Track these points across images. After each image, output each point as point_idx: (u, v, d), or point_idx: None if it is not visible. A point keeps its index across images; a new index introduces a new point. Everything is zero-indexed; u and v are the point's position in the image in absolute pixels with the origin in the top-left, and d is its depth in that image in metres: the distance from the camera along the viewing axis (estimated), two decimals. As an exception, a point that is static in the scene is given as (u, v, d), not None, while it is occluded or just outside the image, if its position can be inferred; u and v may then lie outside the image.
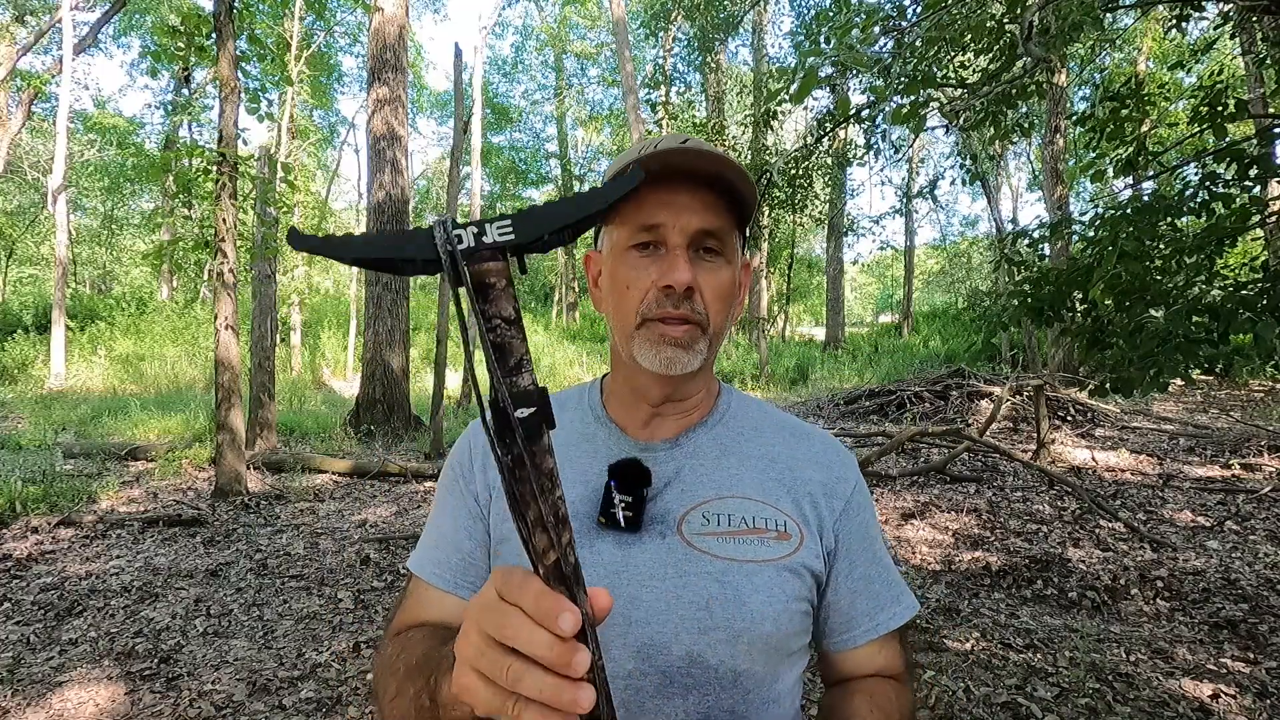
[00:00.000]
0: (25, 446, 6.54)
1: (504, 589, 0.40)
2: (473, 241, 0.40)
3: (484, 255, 0.40)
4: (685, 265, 0.65)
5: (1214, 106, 2.74)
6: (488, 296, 0.40)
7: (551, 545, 0.39)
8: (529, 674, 0.38)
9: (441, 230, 0.40)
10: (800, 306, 28.89)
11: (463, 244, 0.40)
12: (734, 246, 0.71)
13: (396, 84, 8.70)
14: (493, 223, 0.41)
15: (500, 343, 0.39)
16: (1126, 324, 2.47)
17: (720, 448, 0.74)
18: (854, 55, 2.99)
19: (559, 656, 0.37)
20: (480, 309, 0.40)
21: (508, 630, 0.39)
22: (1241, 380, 9.82)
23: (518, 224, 0.41)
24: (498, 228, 0.41)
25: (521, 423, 0.39)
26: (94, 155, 19.48)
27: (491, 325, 0.40)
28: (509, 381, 0.39)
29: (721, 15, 13.11)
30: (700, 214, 0.66)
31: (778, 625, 0.66)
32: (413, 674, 0.58)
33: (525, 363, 0.40)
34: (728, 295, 0.70)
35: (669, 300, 0.66)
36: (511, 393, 0.39)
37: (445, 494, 0.77)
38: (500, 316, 0.40)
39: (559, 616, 0.37)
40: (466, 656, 0.42)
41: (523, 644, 0.38)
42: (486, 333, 0.40)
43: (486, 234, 0.40)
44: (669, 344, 0.66)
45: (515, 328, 0.40)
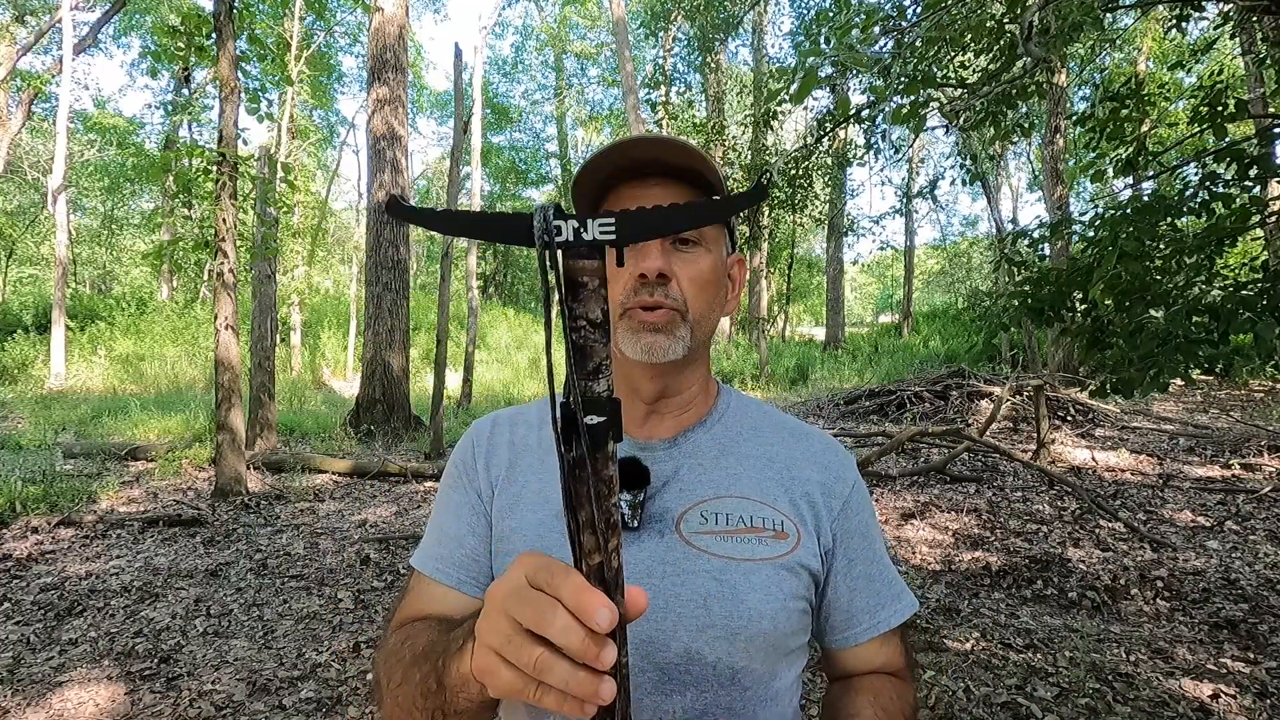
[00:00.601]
0: (25, 446, 6.54)
1: (537, 578, 0.40)
2: (571, 235, 0.39)
3: (580, 251, 0.39)
4: (657, 253, 0.67)
5: (1214, 106, 2.74)
6: (577, 295, 0.39)
7: (598, 548, 0.39)
8: (557, 665, 0.38)
9: (541, 219, 0.38)
10: (800, 306, 28.89)
11: (560, 236, 0.38)
12: (713, 236, 0.72)
13: (396, 84, 8.71)
14: (595, 219, 0.39)
15: (582, 344, 0.39)
16: (1126, 324, 2.47)
17: (719, 447, 0.75)
18: (854, 55, 2.99)
19: (589, 650, 0.38)
20: (567, 307, 0.39)
21: (542, 619, 0.39)
22: (1241, 380, 9.82)
23: (621, 225, 0.39)
24: (600, 225, 0.39)
25: (589, 429, 0.38)
26: (94, 155, 19.48)
27: (576, 325, 0.39)
28: (584, 385, 0.39)
29: (721, 15, 13.11)
30: None
31: (775, 623, 0.66)
32: (419, 660, 0.58)
33: (604, 369, 0.39)
34: (707, 282, 0.71)
35: (645, 289, 0.67)
36: (585, 397, 0.39)
37: (449, 491, 0.77)
38: (586, 318, 0.39)
39: (597, 611, 0.37)
40: (490, 641, 0.42)
41: (555, 634, 0.38)
42: (570, 332, 0.39)
43: (587, 230, 0.39)
44: (648, 330, 0.68)
45: (600, 331, 0.39)
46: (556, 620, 0.38)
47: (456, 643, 0.53)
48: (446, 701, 0.53)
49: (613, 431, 0.39)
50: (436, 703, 0.55)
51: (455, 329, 14.65)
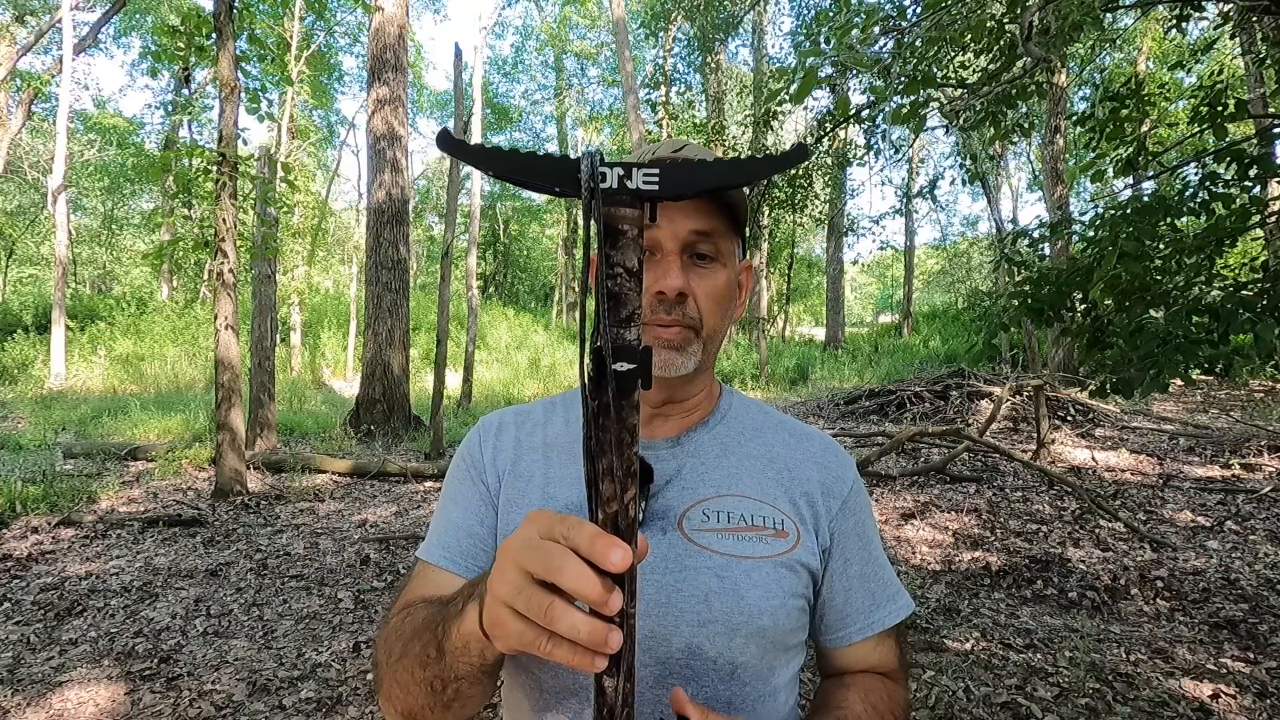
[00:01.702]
0: (25, 446, 6.54)
1: (551, 531, 0.41)
2: (615, 183, 0.39)
3: (623, 200, 0.40)
4: (677, 271, 0.67)
5: (1214, 106, 2.74)
6: (616, 243, 0.40)
7: (615, 496, 0.40)
8: (568, 614, 0.39)
9: (588, 164, 0.39)
10: (800, 306, 28.90)
11: (605, 183, 0.39)
12: (729, 249, 0.73)
13: (396, 84, 8.71)
14: (640, 169, 0.40)
15: (617, 291, 0.40)
16: (1126, 324, 2.47)
17: (721, 447, 0.76)
18: (854, 55, 2.99)
19: (600, 595, 0.38)
20: (605, 253, 0.40)
21: (553, 565, 0.39)
22: (1241, 380, 9.82)
23: (665, 176, 0.40)
24: (644, 175, 0.40)
25: (617, 375, 0.39)
26: (94, 155, 19.49)
27: (613, 272, 0.40)
28: (615, 332, 0.39)
29: (721, 15, 13.11)
30: (692, 218, 0.68)
31: (774, 620, 0.67)
32: (419, 632, 0.59)
33: (636, 317, 0.40)
34: (722, 298, 0.71)
35: (662, 306, 0.68)
36: (615, 344, 0.39)
37: (455, 482, 0.78)
38: (623, 265, 0.40)
39: (610, 552, 0.38)
40: (502, 594, 0.42)
41: (568, 580, 0.39)
42: (605, 278, 0.40)
43: (631, 179, 0.40)
44: (662, 346, 0.68)
45: (635, 280, 0.40)
46: (569, 567, 0.39)
47: (457, 606, 0.53)
48: (446, 667, 0.54)
49: (642, 380, 0.40)
50: (435, 671, 0.55)
51: (455, 329, 14.65)
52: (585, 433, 0.40)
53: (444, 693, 0.56)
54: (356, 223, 21.31)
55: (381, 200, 8.50)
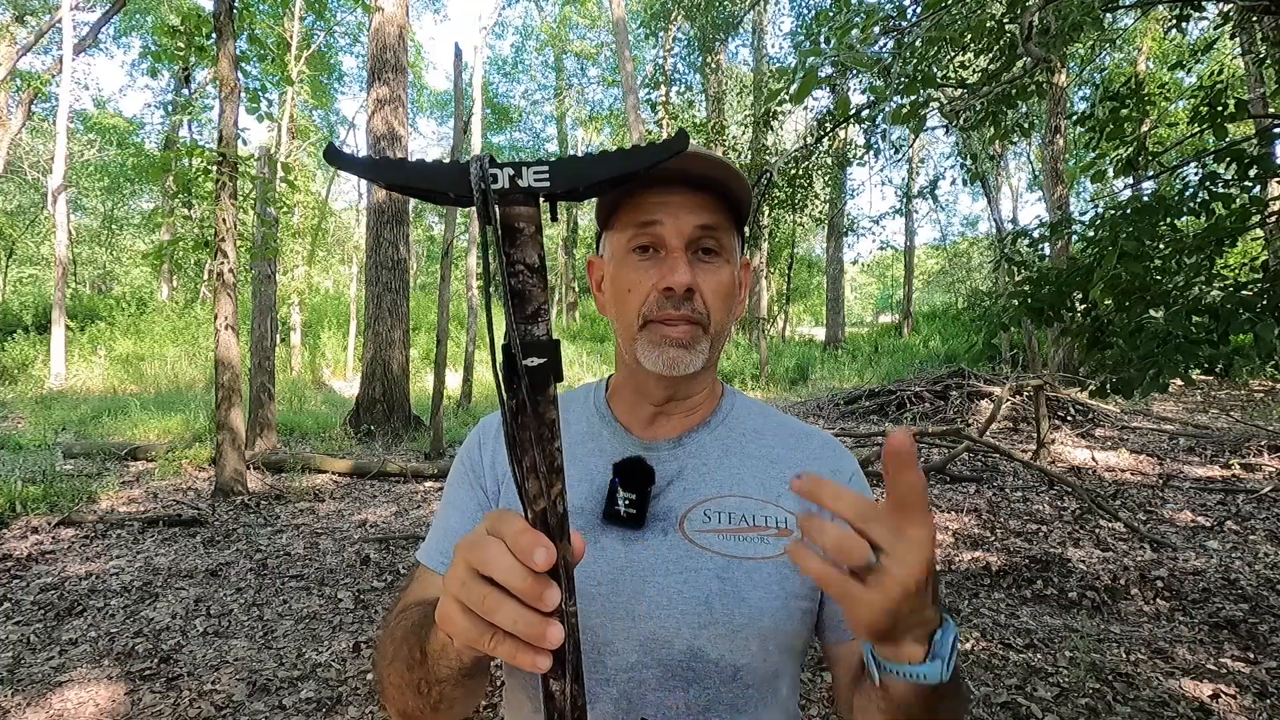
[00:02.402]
0: (25, 446, 6.54)
1: (491, 525, 0.42)
2: (507, 183, 0.40)
3: (516, 199, 0.40)
4: (684, 267, 0.67)
5: (1214, 106, 2.74)
6: (514, 241, 0.40)
7: (542, 493, 0.41)
8: (504, 605, 0.40)
9: (478, 167, 0.39)
10: (800, 306, 28.90)
11: (497, 184, 0.40)
12: (732, 245, 0.73)
13: (396, 84, 8.71)
14: (530, 166, 0.40)
15: (520, 289, 0.40)
16: (1126, 324, 2.47)
17: (722, 448, 0.76)
18: (854, 55, 2.99)
19: (531, 589, 0.39)
20: (505, 252, 0.40)
21: (487, 559, 0.40)
22: (1241, 380, 9.82)
23: (555, 172, 0.41)
24: (534, 173, 0.40)
25: (529, 371, 0.39)
26: (94, 155, 19.48)
27: (514, 270, 0.40)
28: (523, 329, 0.40)
29: (721, 15, 13.11)
30: (696, 213, 0.68)
31: (777, 621, 0.67)
32: (408, 636, 0.59)
33: (543, 312, 0.40)
34: (727, 294, 0.71)
35: (669, 302, 0.67)
36: (523, 340, 0.40)
37: (455, 487, 0.78)
38: (524, 263, 0.40)
39: (534, 551, 0.38)
40: (449, 587, 0.43)
41: (500, 574, 0.40)
42: (508, 277, 0.40)
43: (522, 177, 0.40)
44: (671, 344, 0.68)
45: (538, 276, 0.40)
46: (501, 561, 0.40)
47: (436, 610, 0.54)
48: (429, 670, 0.54)
49: (553, 372, 0.40)
50: (420, 674, 0.55)
51: (455, 329, 14.64)
52: (506, 434, 0.41)
53: (429, 695, 0.56)
54: (356, 223, 21.31)
55: (381, 200, 8.50)
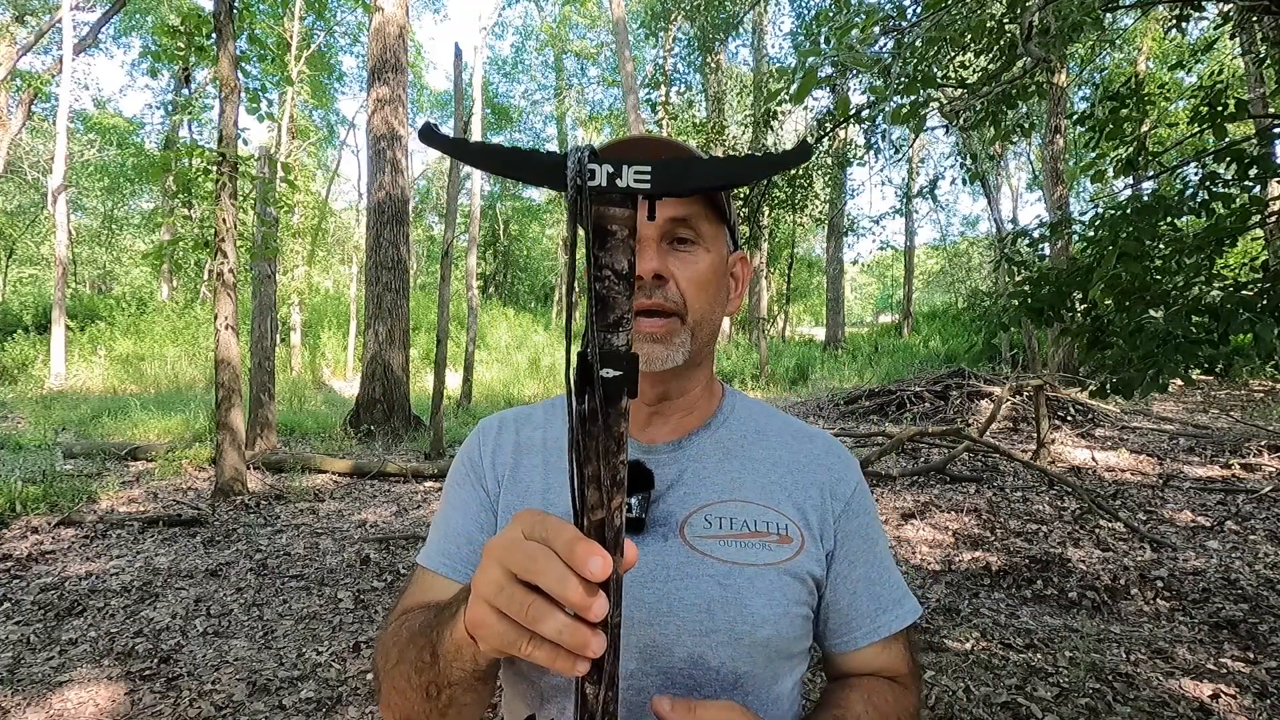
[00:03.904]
0: (25, 446, 6.54)
1: (533, 531, 0.40)
2: (605, 181, 0.37)
3: (613, 199, 0.38)
4: (652, 254, 0.66)
5: (1214, 106, 2.74)
6: (605, 244, 0.38)
7: (601, 504, 0.39)
8: (551, 615, 0.39)
9: (574, 161, 0.37)
10: (800, 306, 28.89)
11: (594, 180, 0.37)
12: (711, 233, 0.71)
13: (396, 84, 8.70)
14: (631, 165, 0.38)
15: (605, 295, 0.38)
16: (1126, 324, 2.47)
17: (723, 451, 0.74)
18: (854, 55, 2.99)
19: (581, 600, 0.38)
20: (593, 254, 0.38)
21: (536, 567, 0.39)
22: (1241, 380, 9.83)
23: (657, 174, 0.38)
24: (635, 172, 0.38)
25: (604, 383, 0.38)
26: (94, 155, 19.48)
27: (601, 275, 0.38)
28: (603, 337, 0.38)
29: (721, 15, 13.11)
30: (667, 205, 0.67)
31: (778, 629, 0.66)
32: (415, 637, 0.58)
33: (625, 322, 0.39)
34: (706, 282, 0.69)
35: (641, 291, 0.66)
36: (602, 349, 0.38)
37: (455, 487, 0.77)
38: (612, 268, 0.38)
39: (589, 560, 0.37)
40: (484, 592, 0.42)
41: (550, 583, 0.38)
42: (594, 281, 0.38)
43: (621, 176, 0.38)
44: (646, 339, 0.66)
45: (625, 283, 0.38)
46: (551, 569, 0.38)
47: (451, 610, 0.53)
48: (440, 673, 0.53)
49: (629, 387, 0.38)
50: (430, 676, 0.54)
51: (455, 329, 14.65)
52: (570, 439, 0.39)
53: (439, 699, 0.55)
54: (356, 223, 21.30)
55: (381, 200, 8.50)
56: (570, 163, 0.37)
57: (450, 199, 7.81)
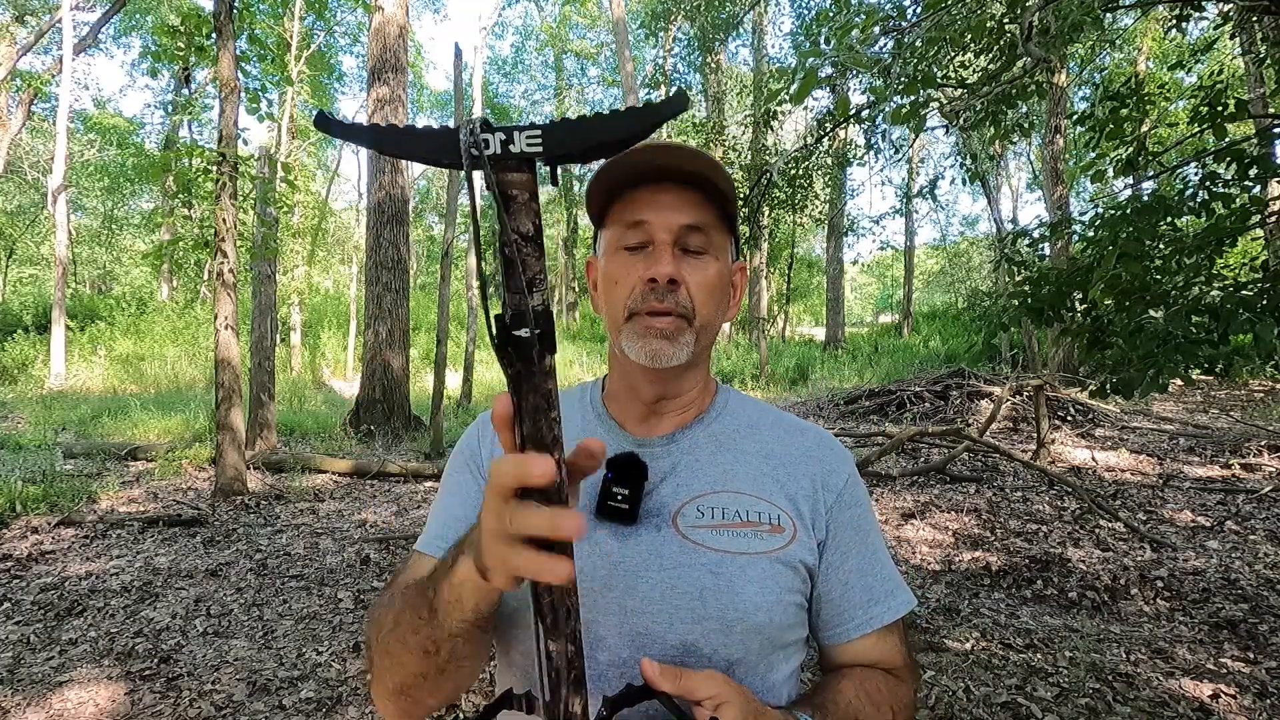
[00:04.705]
0: (25, 446, 6.54)
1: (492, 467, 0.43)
2: (499, 149, 0.38)
3: (509, 165, 0.39)
4: (668, 259, 0.68)
5: (1214, 106, 2.74)
6: (508, 209, 0.39)
7: None
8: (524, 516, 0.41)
9: (468, 133, 0.38)
10: (800, 306, 28.90)
11: (488, 149, 0.38)
12: (721, 244, 0.73)
13: (396, 84, 8.70)
14: (522, 131, 0.39)
15: (513, 258, 0.39)
16: (1126, 324, 2.47)
17: (716, 443, 0.76)
18: (854, 56, 2.99)
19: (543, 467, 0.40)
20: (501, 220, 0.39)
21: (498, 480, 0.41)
22: (1241, 380, 9.83)
23: (548, 136, 0.39)
24: (526, 137, 0.39)
25: (520, 341, 0.39)
26: (94, 155, 19.49)
27: (506, 239, 0.39)
28: (515, 299, 0.39)
29: (721, 15, 13.12)
30: (684, 211, 0.69)
31: (770, 616, 0.67)
32: (411, 600, 0.59)
33: (538, 282, 0.39)
34: (714, 289, 0.72)
35: (654, 294, 0.68)
36: (516, 310, 0.39)
37: (454, 474, 0.79)
38: (518, 231, 0.39)
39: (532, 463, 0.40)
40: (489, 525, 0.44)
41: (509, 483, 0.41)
42: (501, 246, 0.39)
43: (514, 142, 0.39)
44: (654, 335, 0.68)
45: (532, 245, 0.39)
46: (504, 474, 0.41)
47: (447, 564, 0.54)
48: (439, 626, 0.54)
49: (545, 344, 0.39)
50: (428, 633, 0.55)
51: (455, 329, 14.65)
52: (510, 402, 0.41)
53: (438, 655, 0.56)
54: (356, 223, 21.31)
55: (381, 200, 8.50)
56: (463, 134, 0.38)
57: (450, 199, 7.81)
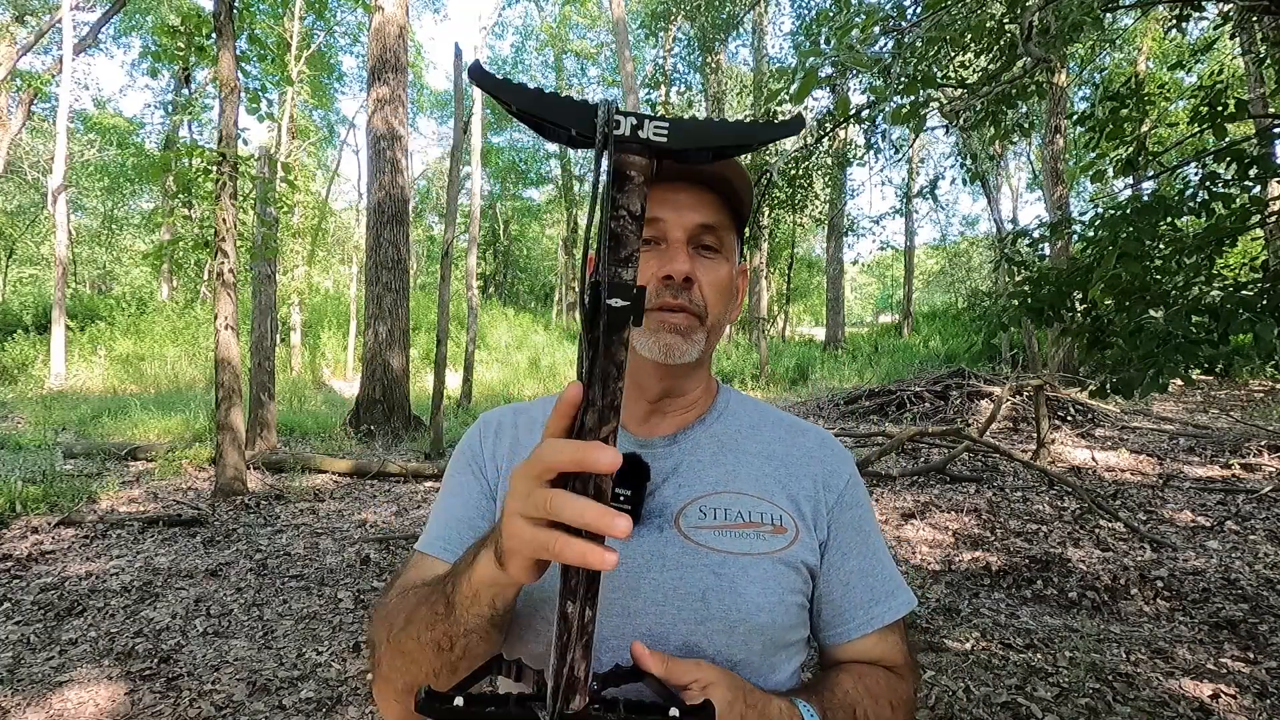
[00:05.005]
0: (25, 446, 6.54)
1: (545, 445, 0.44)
2: (628, 131, 0.42)
3: (633, 148, 0.42)
4: (684, 257, 0.68)
5: (1214, 106, 2.74)
6: (623, 187, 0.42)
7: (597, 427, 0.43)
8: (572, 501, 0.41)
9: (604, 111, 0.42)
10: (800, 306, 28.90)
11: (619, 130, 0.42)
12: (732, 245, 0.73)
13: (396, 84, 8.70)
14: (651, 120, 0.42)
15: (619, 232, 0.42)
16: (1126, 324, 2.47)
17: (718, 444, 0.76)
18: (854, 56, 2.98)
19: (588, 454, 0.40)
20: (612, 196, 0.42)
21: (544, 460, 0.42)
22: (1241, 380, 9.83)
23: (674, 130, 0.42)
24: (654, 126, 0.42)
25: (611, 310, 0.41)
26: (94, 155, 19.48)
27: (617, 214, 0.42)
28: (613, 270, 0.42)
29: (721, 15, 13.11)
30: (700, 210, 0.69)
31: (773, 617, 0.67)
32: (425, 597, 0.59)
33: (634, 259, 0.42)
34: (725, 290, 0.72)
35: (668, 290, 0.68)
36: (612, 281, 0.41)
37: (455, 475, 0.78)
38: (627, 209, 0.42)
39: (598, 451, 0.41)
40: (513, 506, 0.45)
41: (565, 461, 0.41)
42: (609, 219, 0.42)
43: (643, 129, 0.42)
44: (668, 331, 0.68)
45: (636, 224, 0.42)
46: (564, 451, 0.42)
47: (467, 560, 0.55)
48: (455, 621, 0.54)
49: (634, 317, 0.42)
50: (444, 628, 0.55)
51: (455, 329, 14.65)
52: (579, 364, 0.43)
53: (451, 651, 0.56)
54: (356, 223, 21.30)
55: (381, 200, 8.50)
56: (600, 112, 0.42)
57: (450, 199, 7.81)
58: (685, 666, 0.58)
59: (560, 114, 0.43)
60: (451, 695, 0.47)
